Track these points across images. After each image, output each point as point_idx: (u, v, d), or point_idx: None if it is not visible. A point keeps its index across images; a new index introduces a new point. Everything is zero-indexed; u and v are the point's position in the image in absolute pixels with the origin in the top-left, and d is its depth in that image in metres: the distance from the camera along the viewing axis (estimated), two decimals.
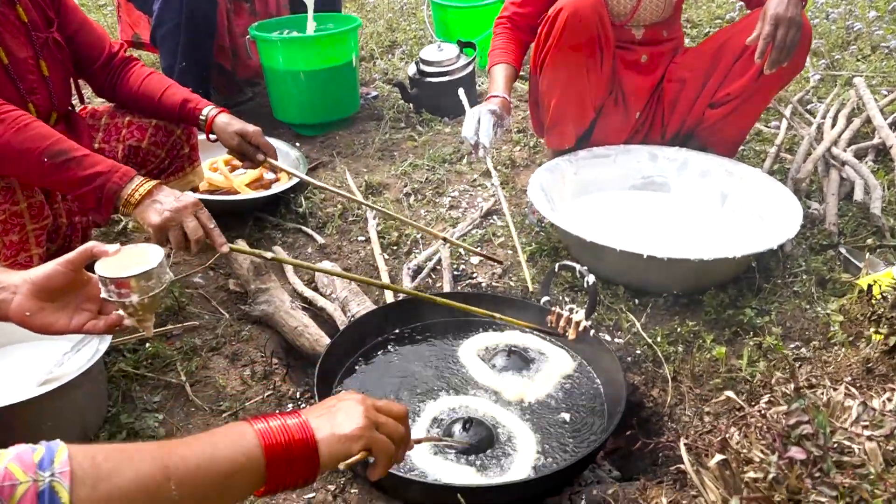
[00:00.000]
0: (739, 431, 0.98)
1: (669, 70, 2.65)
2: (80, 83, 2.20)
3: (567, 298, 2.22)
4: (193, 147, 2.40)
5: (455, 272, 2.43)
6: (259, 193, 2.76)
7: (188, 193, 1.81)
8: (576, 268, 1.98)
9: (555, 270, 2.06)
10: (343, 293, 2.29)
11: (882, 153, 2.95)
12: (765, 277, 2.23)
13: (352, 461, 0.94)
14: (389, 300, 2.24)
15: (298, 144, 3.35)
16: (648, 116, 2.72)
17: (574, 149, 2.67)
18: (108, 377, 1.93)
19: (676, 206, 2.60)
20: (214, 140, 2.19)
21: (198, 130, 2.26)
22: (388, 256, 2.54)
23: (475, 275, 2.40)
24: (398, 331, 2.12)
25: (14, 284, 1.25)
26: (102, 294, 1.29)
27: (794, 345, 1.98)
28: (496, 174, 2.31)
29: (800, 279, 2.22)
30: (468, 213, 2.78)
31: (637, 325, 2.07)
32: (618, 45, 2.58)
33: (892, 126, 3.00)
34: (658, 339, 2.02)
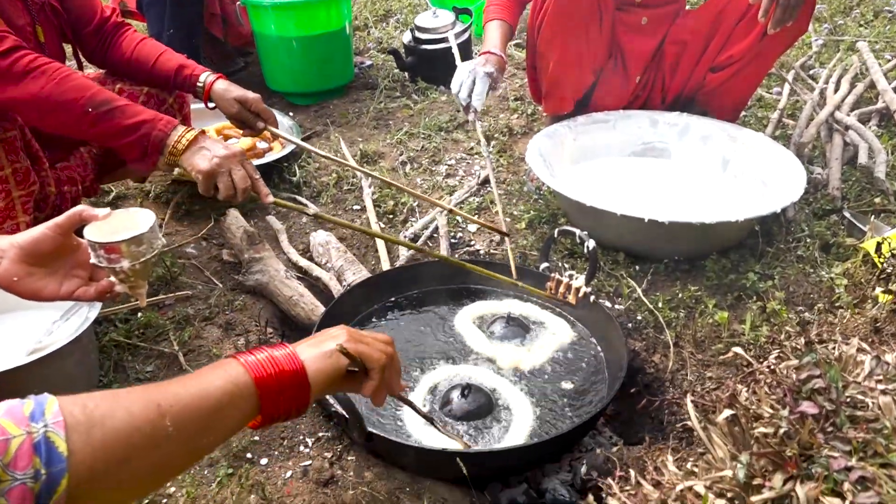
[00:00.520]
0: (748, 388, 0.95)
1: (670, 32, 2.59)
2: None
3: (567, 265, 2.19)
4: (186, 116, 2.35)
5: (452, 240, 2.39)
6: (253, 162, 2.70)
7: (233, 143, 1.80)
8: (576, 233, 1.94)
9: (554, 236, 2.03)
10: (339, 262, 2.26)
11: (886, 118, 2.91)
12: (767, 242, 2.20)
13: (350, 352, 0.94)
14: (386, 268, 2.21)
15: (292, 114, 3.29)
16: (649, 81, 2.67)
17: (573, 114, 2.63)
18: (100, 347, 1.90)
19: (677, 172, 2.57)
20: (213, 108, 2.14)
21: (194, 98, 2.21)
22: (385, 225, 2.50)
23: (473, 243, 2.37)
24: (394, 299, 2.08)
25: (1, 249, 1.21)
26: (92, 260, 1.25)
27: (798, 309, 1.95)
28: (484, 139, 2.26)
29: (803, 244, 2.19)
30: (465, 182, 2.74)
31: (638, 291, 2.04)
32: (617, 7, 2.53)
33: None
34: (659, 305, 2.00)
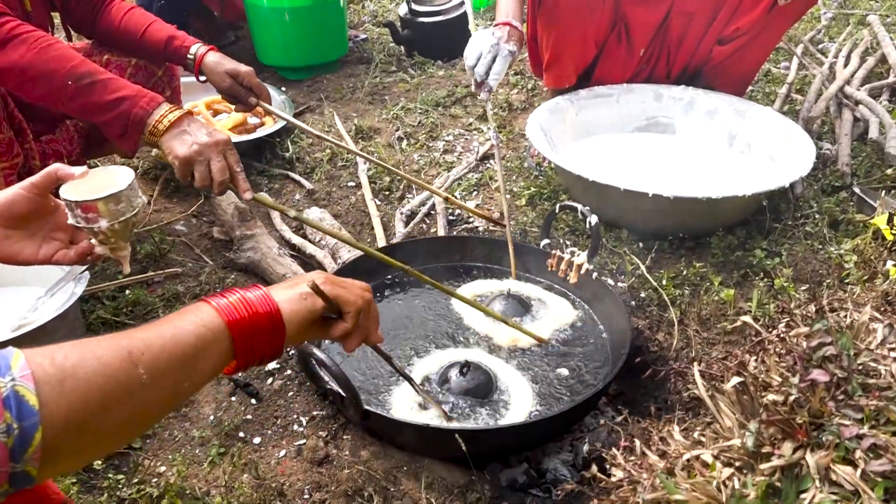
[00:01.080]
0: (756, 357, 0.95)
1: (676, 3, 2.56)
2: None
3: (568, 242, 2.18)
4: (175, 90, 2.32)
5: (450, 217, 2.38)
6: (243, 138, 2.69)
7: (220, 129, 1.75)
8: (578, 208, 1.93)
9: (555, 212, 2.02)
10: (333, 239, 2.25)
11: None
12: (775, 219, 2.20)
13: (323, 291, 0.93)
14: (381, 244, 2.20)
15: (284, 89, 3.27)
16: (653, 54, 2.65)
17: (575, 88, 2.61)
18: (87, 325, 1.89)
19: (682, 148, 2.55)
20: (204, 81, 2.11)
21: (184, 70, 2.18)
22: (380, 202, 2.49)
23: (471, 219, 2.36)
24: (391, 277, 2.08)
25: None
26: (70, 220, 1.23)
27: (806, 287, 1.95)
28: (493, 121, 2.23)
29: (811, 220, 2.19)
30: (463, 158, 2.73)
31: (642, 268, 2.04)
32: None
33: None
34: (663, 282, 1.99)
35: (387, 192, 2.54)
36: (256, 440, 1.63)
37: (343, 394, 1.51)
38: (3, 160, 1.80)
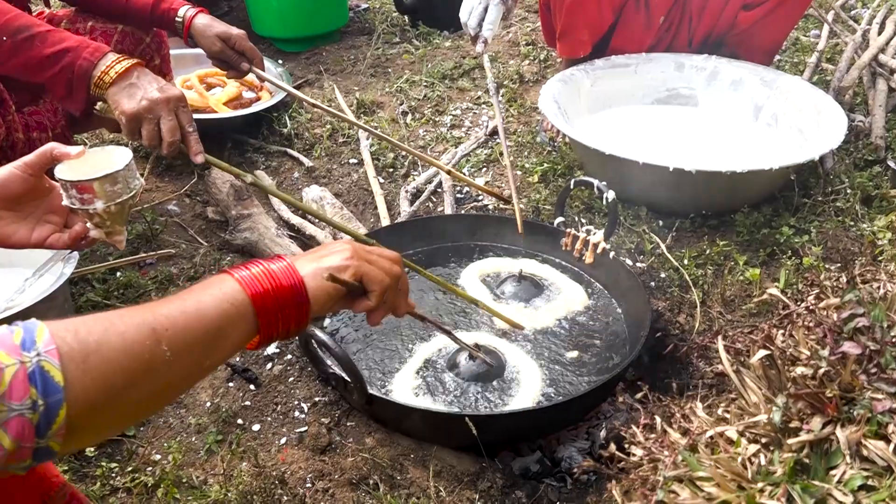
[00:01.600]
0: (784, 331, 0.96)
1: None
2: None
3: (584, 220, 2.19)
4: (165, 58, 2.32)
5: (458, 195, 2.39)
6: (238, 112, 2.70)
7: (173, 85, 1.74)
8: (594, 183, 1.94)
9: (570, 188, 2.02)
10: (335, 219, 2.26)
11: None
12: (804, 194, 2.20)
13: (341, 277, 0.94)
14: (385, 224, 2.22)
15: (281, 62, 3.28)
16: (674, 20, 2.64)
17: (590, 58, 2.61)
18: (76, 308, 1.91)
19: (705, 121, 2.55)
20: (193, 45, 2.11)
21: (172, 35, 2.18)
22: (384, 180, 2.50)
23: (480, 197, 2.36)
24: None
25: None
26: (64, 201, 1.25)
27: (837, 266, 1.95)
28: (491, 75, 2.22)
29: (843, 196, 2.19)
30: (472, 133, 2.73)
31: (662, 247, 2.05)
32: None
33: None
34: (685, 262, 2.00)
35: (391, 170, 2.54)
36: (256, 427, 1.65)
37: (346, 378, 1.52)
38: None
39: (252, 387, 1.74)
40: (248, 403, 1.70)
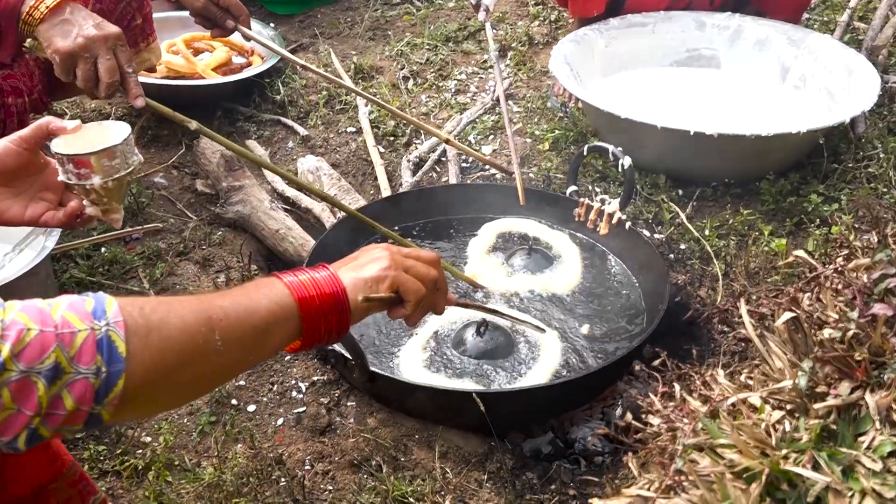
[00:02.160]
0: (811, 294, 0.97)
1: None
2: None
3: (598, 189, 2.19)
4: (147, 17, 2.31)
5: (463, 164, 2.39)
6: (228, 78, 2.70)
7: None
8: (609, 149, 1.94)
9: (583, 154, 2.03)
10: (332, 191, 2.27)
11: None
12: (833, 160, 2.20)
13: (376, 296, 1.03)
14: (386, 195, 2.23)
15: (273, 25, 3.27)
16: None
17: (604, 17, 2.60)
18: (59, 285, 1.92)
19: (728, 83, 2.55)
20: (176, 3, 2.11)
21: None
22: (384, 149, 2.51)
23: (487, 166, 2.37)
24: (397, 228, 2.09)
25: None
26: (60, 176, 1.27)
27: (868, 236, 1.95)
28: (493, 43, 2.22)
29: (875, 162, 2.19)
30: (478, 98, 2.74)
31: (681, 217, 2.05)
32: None
33: None
34: (706, 233, 2.01)
35: (391, 138, 2.55)
36: (251, 408, 1.67)
37: (347, 355, 1.54)
38: None
39: None
40: (243, 383, 1.72)
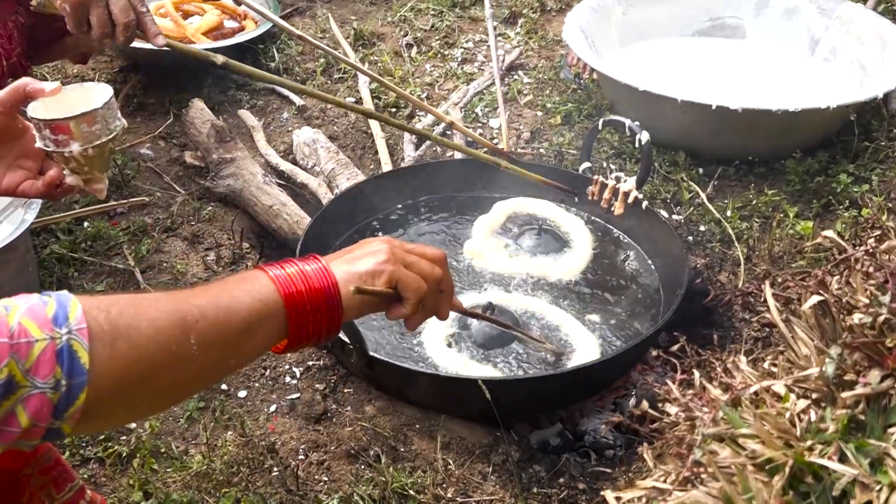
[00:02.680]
0: (840, 276, 0.97)
1: None
2: None
3: (613, 166, 2.19)
4: None
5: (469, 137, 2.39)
6: (219, 43, 2.69)
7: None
8: (625, 123, 1.94)
9: (598, 129, 2.03)
10: (329, 165, 2.27)
11: None
12: (864, 139, 2.20)
13: (370, 289, 0.97)
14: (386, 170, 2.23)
15: None
16: None
17: None
18: (39, 261, 1.93)
19: (753, 55, 2.55)
20: None
21: None
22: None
23: (496, 141, 2.36)
24: (399, 206, 2.10)
25: None
26: (38, 143, 1.26)
27: None
28: (490, 7, 2.21)
29: None
30: (485, 68, 2.73)
31: (702, 196, 2.05)
32: None
33: None
34: (728, 214, 2.01)
35: (393, 109, 2.55)
36: (242, 393, 1.67)
37: (344, 339, 1.54)
38: None
39: None
40: None
